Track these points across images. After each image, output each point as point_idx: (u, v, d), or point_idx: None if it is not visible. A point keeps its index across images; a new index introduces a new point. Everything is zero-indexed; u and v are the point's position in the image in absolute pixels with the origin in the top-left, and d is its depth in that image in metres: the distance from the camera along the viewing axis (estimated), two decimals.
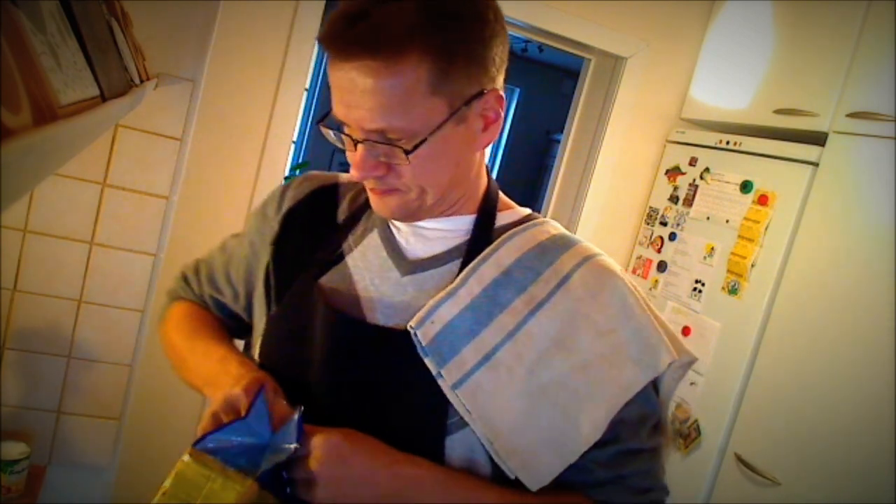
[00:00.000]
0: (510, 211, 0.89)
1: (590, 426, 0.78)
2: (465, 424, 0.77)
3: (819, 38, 1.96)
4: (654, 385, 0.83)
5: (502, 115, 0.80)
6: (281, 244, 0.92)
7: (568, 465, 0.79)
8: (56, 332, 1.51)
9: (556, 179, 2.56)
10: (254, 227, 0.98)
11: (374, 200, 0.82)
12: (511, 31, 0.82)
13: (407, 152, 0.73)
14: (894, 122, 1.68)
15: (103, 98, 0.63)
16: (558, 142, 2.75)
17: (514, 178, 6.91)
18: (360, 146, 0.75)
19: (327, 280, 0.86)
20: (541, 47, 4.35)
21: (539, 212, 0.95)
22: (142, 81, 1.11)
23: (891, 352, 1.58)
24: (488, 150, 0.89)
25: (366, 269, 0.85)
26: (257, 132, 2.05)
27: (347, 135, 0.76)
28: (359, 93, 0.72)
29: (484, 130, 0.80)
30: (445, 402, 0.77)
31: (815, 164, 1.87)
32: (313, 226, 0.92)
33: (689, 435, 2.03)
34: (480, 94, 0.76)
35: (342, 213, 0.92)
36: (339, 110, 0.75)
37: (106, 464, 1.60)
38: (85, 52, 0.58)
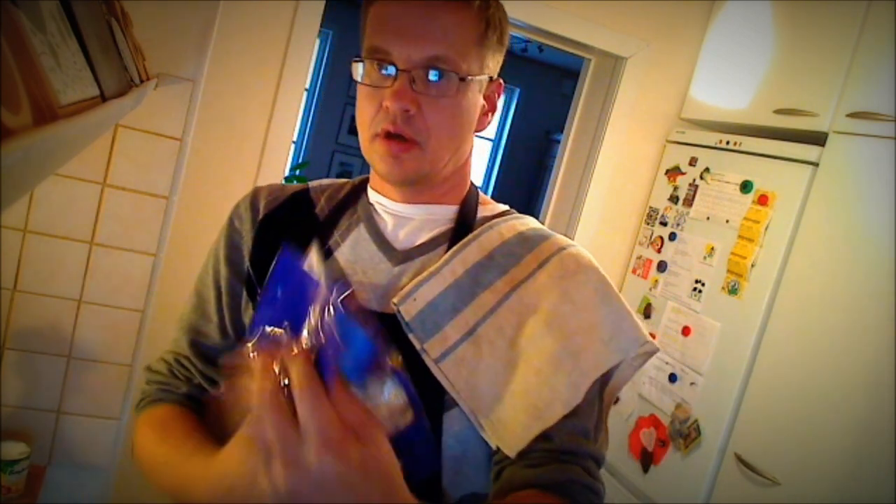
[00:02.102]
0: (490, 206, 0.94)
1: (569, 389, 0.78)
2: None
3: (819, 38, 1.96)
4: (604, 375, 0.82)
5: (498, 107, 0.88)
6: (260, 250, 0.89)
7: (544, 430, 0.76)
8: (56, 332, 1.51)
9: (556, 179, 2.56)
10: (227, 245, 0.92)
11: (387, 162, 0.81)
12: (511, 31, 0.89)
13: (461, 79, 0.79)
14: (894, 122, 1.68)
15: (103, 98, 0.63)
16: (558, 142, 2.75)
17: (514, 178, 6.91)
18: (401, 76, 0.78)
19: None
20: (541, 47, 4.34)
21: (539, 212, 0.97)
22: (142, 81, 1.11)
23: (891, 352, 1.58)
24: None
25: (356, 261, 0.86)
26: (257, 132, 2.05)
27: (391, 63, 0.78)
28: (423, 22, 0.78)
29: (485, 115, 0.87)
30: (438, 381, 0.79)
31: (815, 164, 1.87)
32: (294, 228, 0.91)
33: (689, 435, 2.03)
34: (494, 78, 0.86)
35: (322, 213, 0.92)
36: (386, 42, 0.78)
37: (106, 464, 1.60)
38: (85, 52, 0.58)
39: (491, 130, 7.60)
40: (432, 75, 0.78)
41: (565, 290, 0.82)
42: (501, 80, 0.87)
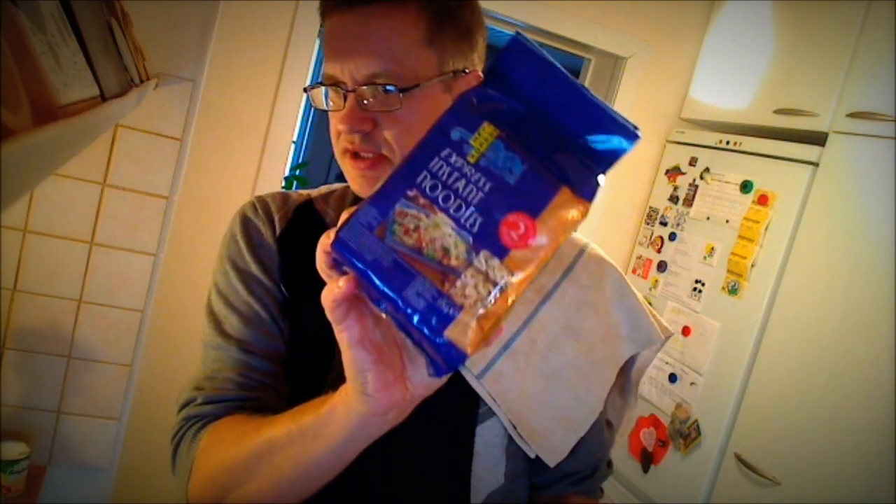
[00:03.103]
0: None
1: (595, 400, 0.86)
2: (493, 413, 0.82)
3: (819, 38, 1.96)
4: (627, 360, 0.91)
5: None
6: (285, 266, 0.84)
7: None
8: (56, 332, 1.51)
9: None
10: (255, 258, 0.85)
11: (358, 180, 0.79)
12: (511, 32, 0.85)
13: (401, 90, 0.73)
14: (894, 122, 1.68)
15: (103, 98, 0.63)
16: None
17: None
18: (349, 98, 0.75)
19: None
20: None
21: None
22: (142, 81, 1.11)
23: (891, 352, 1.58)
24: None
25: None
26: (257, 132, 2.05)
27: (339, 85, 0.76)
28: (358, 38, 0.74)
29: None
30: (474, 395, 0.81)
31: (815, 164, 1.86)
32: (311, 243, 0.85)
33: (689, 435, 2.03)
34: (465, 71, 0.79)
35: (333, 224, 0.87)
36: (331, 66, 0.76)
37: (106, 464, 1.60)
38: (85, 52, 0.58)
39: None
40: (377, 91, 0.74)
41: (590, 301, 0.86)
42: (478, 72, 0.81)
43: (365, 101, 0.75)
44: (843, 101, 1.85)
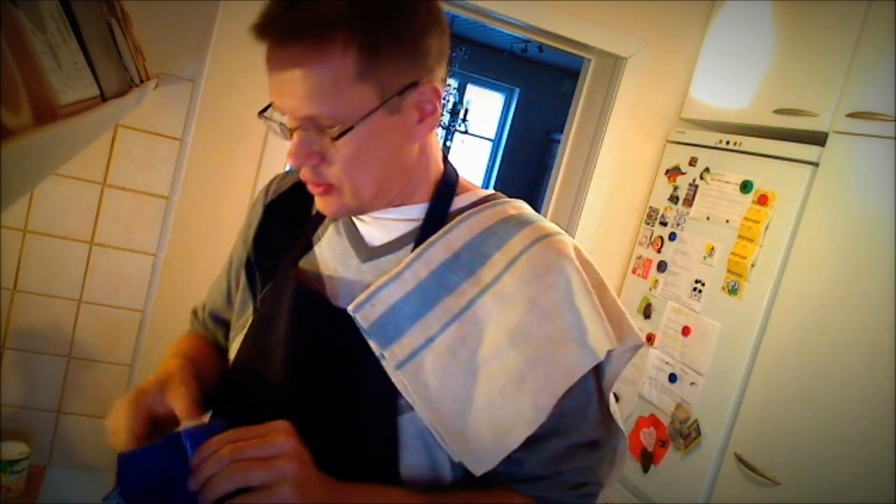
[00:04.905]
0: (468, 193, 0.89)
1: (533, 409, 0.77)
2: None
3: (819, 38, 1.96)
4: (598, 370, 0.83)
5: (439, 108, 0.79)
6: (262, 237, 0.96)
7: (509, 454, 0.78)
8: (56, 332, 1.51)
9: (556, 179, 2.56)
10: (245, 223, 1.02)
11: (317, 201, 0.84)
12: (511, 31, 0.86)
13: (333, 139, 0.74)
14: (894, 122, 1.68)
15: (103, 98, 0.63)
16: (558, 142, 2.75)
17: (514, 178, 6.92)
18: (295, 134, 0.76)
19: (300, 268, 0.90)
20: (541, 47, 4.35)
21: (539, 212, 0.93)
22: (142, 81, 1.11)
23: (891, 352, 1.58)
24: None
25: (331, 257, 0.88)
26: (257, 132, 2.05)
27: (283, 123, 0.77)
28: (289, 80, 0.73)
29: (420, 122, 0.79)
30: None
31: (815, 164, 1.87)
32: (293, 217, 0.95)
33: (689, 435, 2.03)
34: (415, 84, 0.76)
35: (314, 206, 0.92)
36: (274, 99, 0.76)
37: (106, 464, 1.60)
38: (85, 52, 0.58)
39: (491, 130, 7.60)
40: (313, 133, 0.74)
41: (532, 298, 0.79)
42: (432, 82, 0.78)
43: (308, 139, 0.75)
44: (843, 101, 1.85)
